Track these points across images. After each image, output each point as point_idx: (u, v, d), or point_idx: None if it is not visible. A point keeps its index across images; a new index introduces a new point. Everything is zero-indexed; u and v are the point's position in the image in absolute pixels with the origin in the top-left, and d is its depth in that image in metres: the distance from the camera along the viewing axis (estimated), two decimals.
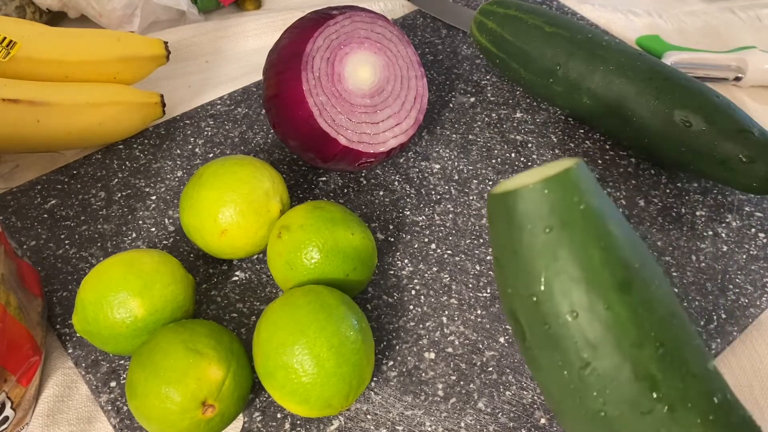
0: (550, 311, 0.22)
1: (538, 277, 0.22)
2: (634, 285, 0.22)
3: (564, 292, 0.22)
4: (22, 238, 0.46)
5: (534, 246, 0.22)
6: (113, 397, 0.38)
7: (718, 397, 0.22)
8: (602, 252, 0.22)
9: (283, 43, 0.45)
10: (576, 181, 0.22)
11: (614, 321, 0.21)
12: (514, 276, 0.23)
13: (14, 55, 0.45)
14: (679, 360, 0.22)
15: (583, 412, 0.23)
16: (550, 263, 0.22)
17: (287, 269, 0.38)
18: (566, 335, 0.22)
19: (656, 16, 0.67)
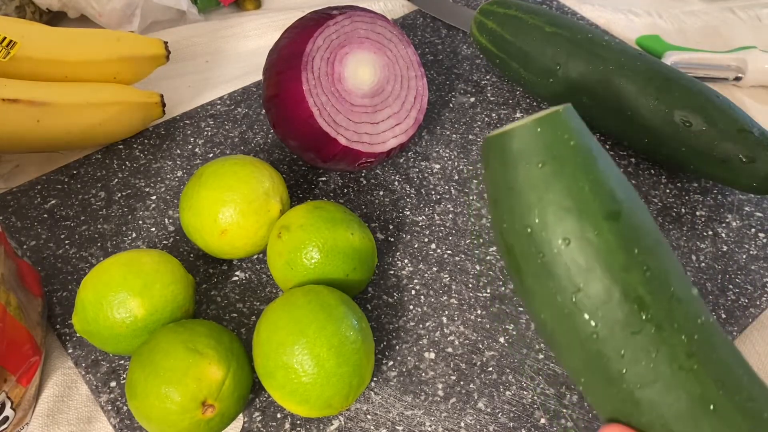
0: (544, 240, 0.24)
1: (533, 210, 0.23)
2: (621, 214, 0.23)
3: (557, 221, 0.23)
4: (22, 238, 0.46)
5: (528, 180, 0.23)
6: (113, 397, 0.38)
7: (702, 319, 0.23)
8: (592, 184, 0.23)
9: (283, 43, 0.45)
10: (566, 121, 0.24)
11: (604, 247, 0.23)
12: (509, 211, 0.24)
13: (14, 55, 0.45)
14: (665, 284, 0.23)
15: (576, 335, 0.24)
16: (543, 195, 0.23)
17: (287, 269, 0.38)
18: (559, 262, 0.23)
19: (656, 16, 0.67)
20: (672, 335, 0.23)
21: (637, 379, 0.23)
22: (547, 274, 0.24)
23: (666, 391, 0.23)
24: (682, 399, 0.23)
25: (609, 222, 0.23)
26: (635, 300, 0.23)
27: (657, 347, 0.23)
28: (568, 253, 0.23)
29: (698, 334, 0.23)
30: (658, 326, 0.23)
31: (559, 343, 0.25)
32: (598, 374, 0.24)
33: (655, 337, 0.23)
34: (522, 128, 0.24)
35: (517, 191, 0.24)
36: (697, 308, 0.24)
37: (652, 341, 0.23)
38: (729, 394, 0.23)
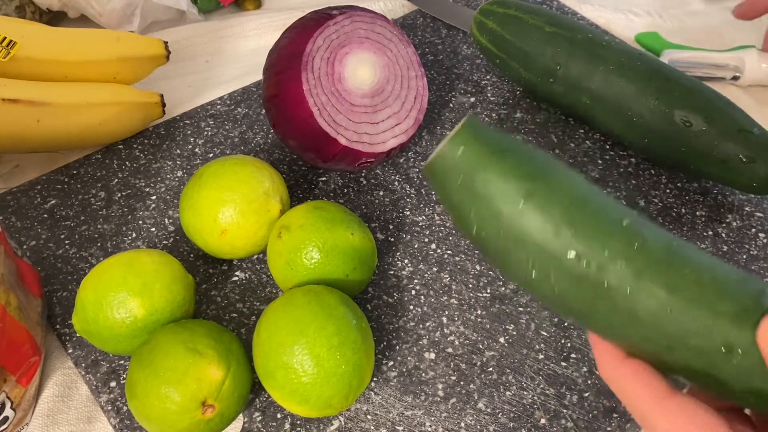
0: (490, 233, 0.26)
1: (470, 218, 0.26)
2: (536, 194, 0.25)
3: (489, 217, 0.26)
4: (22, 238, 0.46)
5: (458, 195, 0.27)
6: (113, 397, 0.38)
7: (635, 243, 0.25)
8: (500, 175, 0.26)
9: (283, 43, 0.45)
10: (469, 136, 0.26)
11: (529, 224, 0.25)
12: (460, 223, 0.28)
13: (14, 55, 0.45)
14: (594, 232, 0.25)
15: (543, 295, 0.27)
16: (472, 201, 0.26)
17: (287, 269, 0.38)
18: (512, 240, 0.26)
19: (656, 16, 0.67)
20: (614, 267, 0.25)
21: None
22: (505, 250, 0.26)
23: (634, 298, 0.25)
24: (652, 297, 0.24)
25: (527, 200, 0.25)
26: (574, 257, 0.25)
27: (605, 280, 0.25)
28: (509, 231, 0.26)
29: (640, 258, 0.25)
30: (599, 266, 0.25)
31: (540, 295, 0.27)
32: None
33: (598, 275, 0.25)
34: (437, 155, 0.26)
35: (455, 206, 0.27)
36: (630, 235, 0.25)
37: (597, 279, 0.25)
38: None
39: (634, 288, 0.24)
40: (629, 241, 0.25)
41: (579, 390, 0.39)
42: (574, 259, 0.25)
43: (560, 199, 0.25)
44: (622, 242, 0.25)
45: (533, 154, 0.26)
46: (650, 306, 0.24)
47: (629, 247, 0.25)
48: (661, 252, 0.25)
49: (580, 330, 0.41)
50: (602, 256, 0.24)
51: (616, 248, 0.25)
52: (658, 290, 0.24)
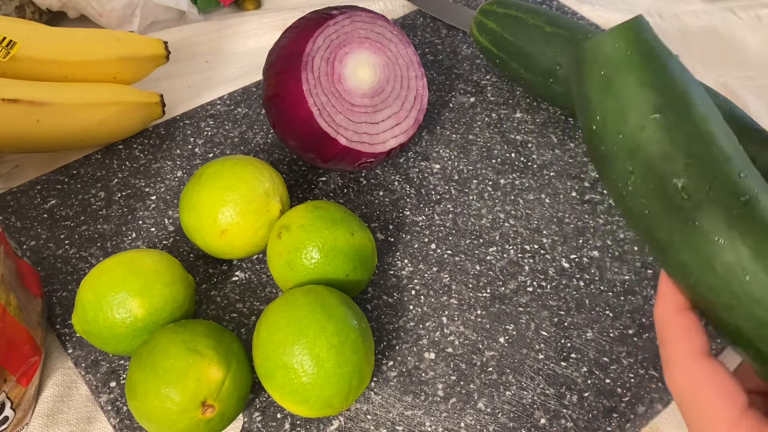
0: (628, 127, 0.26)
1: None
2: (667, 112, 0.25)
3: (613, 117, 0.26)
4: (22, 238, 0.46)
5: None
6: (113, 397, 0.38)
7: (744, 197, 0.24)
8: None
9: (283, 43, 0.45)
10: (643, 29, 0.26)
11: (648, 138, 0.25)
12: (582, 113, 0.27)
13: (14, 55, 0.45)
14: (707, 170, 0.24)
15: (634, 213, 0.26)
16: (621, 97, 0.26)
17: (287, 269, 0.38)
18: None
19: (656, 16, 0.67)
20: (710, 209, 0.24)
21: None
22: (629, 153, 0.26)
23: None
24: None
25: (656, 115, 0.25)
26: (677, 186, 0.24)
27: (698, 220, 0.24)
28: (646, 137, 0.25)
29: (738, 209, 0.24)
30: (697, 204, 0.24)
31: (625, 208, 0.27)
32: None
33: (695, 210, 0.24)
34: (592, 41, 0.26)
35: (586, 93, 0.26)
36: (740, 187, 0.25)
37: (691, 214, 0.24)
38: None
39: (722, 237, 0.24)
40: (738, 192, 0.24)
41: (579, 390, 0.39)
42: (677, 187, 0.24)
43: (687, 126, 0.24)
44: (729, 190, 0.24)
45: (681, 73, 0.25)
46: (730, 260, 0.24)
47: (734, 198, 0.24)
48: (765, 216, 0.24)
49: (579, 330, 0.42)
50: (704, 194, 0.24)
51: (722, 193, 0.24)
52: (744, 248, 0.23)
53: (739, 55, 0.63)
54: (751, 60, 0.63)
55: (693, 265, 0.25)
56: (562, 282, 0.44)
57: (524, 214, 0.48)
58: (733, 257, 0.24)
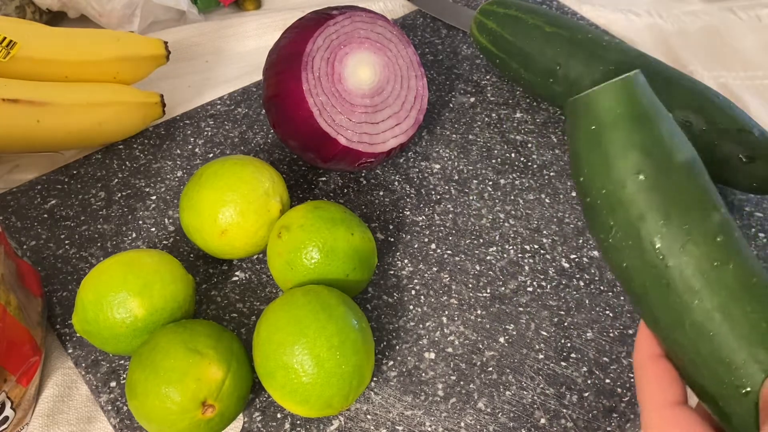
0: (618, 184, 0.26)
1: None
2: (646, 174, 0.25)
3: (597, 173, 0.26)
4: (22, 238, 0.46)
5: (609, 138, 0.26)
6: (113, 397, 0.38)
7: (716, 262, 0.25)
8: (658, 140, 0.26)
9: (283, 43, 0.45)
10: (638, 85, 0.26)
11: (626, 198, 0.25)
12: (572, 164, 0.28)
13: (14, 55, 0.45)
14: (681, 234, 0.25)
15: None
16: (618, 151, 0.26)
17: (287, 269, 0.38)
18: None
19: (656, 16, 0.67)
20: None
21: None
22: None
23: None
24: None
25: (635, 176, 0.25)
26: (652, 247, 0.25)
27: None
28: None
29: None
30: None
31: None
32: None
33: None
34: (586, 95, 0.26)
35: (576, 148, 0.27)
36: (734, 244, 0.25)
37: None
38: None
39: (692, 298, 0.25)
40: (711, 257, 0.25)
41: (579, 390, 0.39)
42: (653, 246, 0.25)
43: (667, 188, 0.25)
44: (703, 254, 0.25)
45: (671, 135, 0.26)
46: (698, 320, 0.24)
47: (707, 262, 0.25)
48: (737, 277, 0.25)
49: (579, 330, 0.42)
50: (677, 257, 0.25)
51: (694, 256, 0.25)
52: (713, 311, 0.24)
53: (739, 55, 0.63)
54: (751, 60, 0.63)
55: (664, 320, 0.26)
56: (562, 282, 0.44)
57: (524, 214, 0.48)
58: (702, 317, 0.24)
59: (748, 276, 0.25)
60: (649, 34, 0.65)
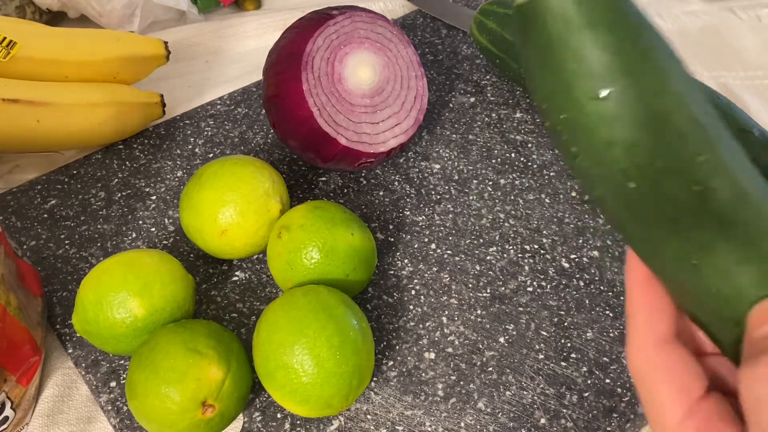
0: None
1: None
2: (611, 96, 0.21)
3: (556, 95, 0.22)
4: (22, 238, 0.46)
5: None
6: (113, 397, 0.38)
7: (697, 186, 0.22)
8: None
9: (283, 43, 0.45)
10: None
11: (590, 124, 0.22)
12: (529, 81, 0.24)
13: (14, 55, 0.45)
14: (655, 165, 0.22)
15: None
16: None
17: (287, 269, 0.38)
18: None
19: (656, 16, 0.67)
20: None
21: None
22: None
23: None
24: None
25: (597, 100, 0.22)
26: (621, 175, 0.22)
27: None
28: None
29: (687, 200, 0.22)
30: (638, 199, 0.22)
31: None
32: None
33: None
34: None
35: (529, 59, 0.23)
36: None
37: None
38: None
39: (669, 231, 0.22)
40: (691, 180, 0.22)
41: (579, 390, 0.39)
42: (623, 178, 0.22)
43: (637, 105, 0.21)
44: (682, 180, 0.22)
45: (640, 31, 0.22)
46: (677, 254, 0.22)
47: (685, 189, 0.22)
48: (716, 209, 0.22)
49: (579, 330, 0.42)
50: (651, 185, 0.22)
51: (672, 184, 0.22)
52: (689, 244, 0.22)
53: (739, 55, 0.63)
54: (751, 60, 0.63)
55: (643, 253, 0.24)
56: (562, 282, 0.44)
57: (524, 214, 0.48)
58: (681, 251, 0.22)
59: (734, 199, 0.22)
60: None
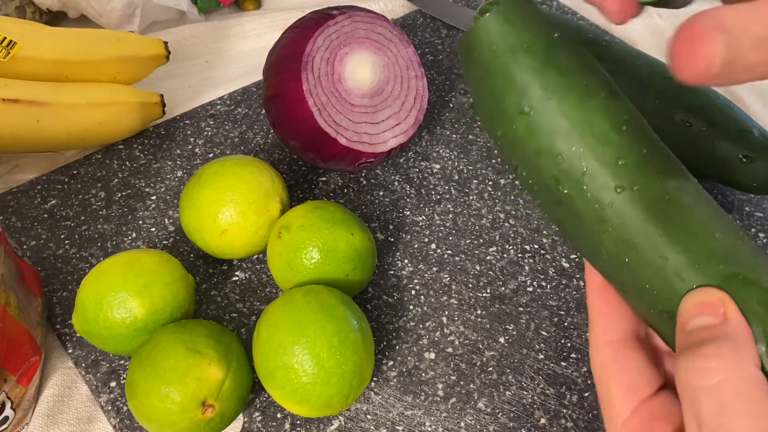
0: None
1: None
2: (531, 114, 0.23)
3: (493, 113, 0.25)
4: (22, 238, 0.46)
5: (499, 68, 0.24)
6: (113, 397, 0.38)
7: (620, 189, 0.23)
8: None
9: (283, 43, 0.45)
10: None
11: (522, 137, 0.24)
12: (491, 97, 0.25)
13: (14, 55, 0.45)
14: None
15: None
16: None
17: (287, 269, 0.38)
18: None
19: (656, 15, 0.67)
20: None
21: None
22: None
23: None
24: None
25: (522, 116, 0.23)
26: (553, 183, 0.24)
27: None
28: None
29: (612, 202, 0.23)
30: (569, 202, 0.24)
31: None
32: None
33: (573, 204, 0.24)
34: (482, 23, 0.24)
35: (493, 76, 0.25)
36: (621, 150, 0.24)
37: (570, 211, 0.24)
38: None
39: (600, 229, 0.23)
40: (614, 184, 0.23)
41: (579, 390, 0.39)
42: (554, 183, 0.23)
43: (555, 119, 0.23)
44: (603, 185, 0.23)
45: (555, 56, 0.24)
46: (612, 250, 0.23)
47: (609, 191, 0.23)
48: (643, 201, 0.23)
49: (579, 330, 0.42)
50: (579, 189, 0.23)
51: (596, 186, 0.23)
52: (614, 238, 0.23)
53: None
54: None
55: (585, 252, 0.25)
56: (562, 282, 0.44)
57: (524, 214, 0.48)
58: (614, 250, 0.23)
59: (657, 197, 0.23)
60: (649, 34, 0.65)
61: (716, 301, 0.22)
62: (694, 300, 0.22)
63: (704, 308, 0.22)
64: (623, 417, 0.24)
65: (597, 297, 0.26)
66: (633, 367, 0.24)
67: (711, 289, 0.22)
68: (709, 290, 0.22)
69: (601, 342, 0.25)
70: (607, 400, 0.24)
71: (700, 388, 0.20)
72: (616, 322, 0.25)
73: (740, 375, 0.20)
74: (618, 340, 0.25)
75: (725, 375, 0.20)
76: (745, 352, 0.21)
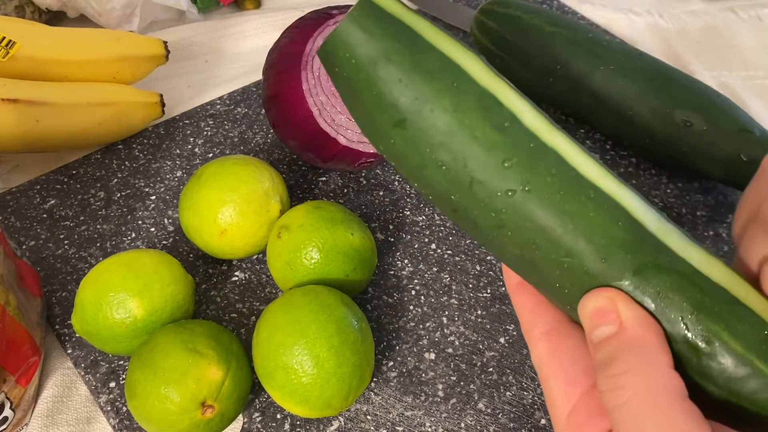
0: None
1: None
2: (407, 121, 0.22)
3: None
4: (22, 238, 0.46)
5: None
6: (113, 397, 0.38)
7: (511, 192, 0.22)
8: (376, 98, 0.22)
9: (283, 42, 0.45)
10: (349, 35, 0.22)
11: (397, 152, 0.23)
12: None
13: (14, 55, 0.45)
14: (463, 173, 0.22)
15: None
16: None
17: (287, 269, 0.38)
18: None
19: (657, 15, 0.67)
20: (480, 214, 0.23)
21: None
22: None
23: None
24: None
25: (397, 129, 0.22)
26: (441, 194, 0.23)
27: (470, 227, 0.23)
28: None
29: (505, 207, 0.22)
30: (464, 212, 0.23)
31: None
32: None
33: (466, 220, 0.23)
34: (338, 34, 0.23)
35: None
36: (498, 184, 0.22)
37: (466, 224, 0.23)
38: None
39: (498, 234, 0.22)
40: (503, 186, 0.22)
41: None
42: (445, 193, 0.22)
43: (433, 135, 0.22)
44: (492, 192, 0.22)
45: (411, 66, 0.22)
46: (515, 252, 0.23)
47: (502, 196, 0.22)
48: (536, 204, 0.22)
49: None
50: (469, 199, 0.22)
51: (486, 191, 0.22)
52: (523, 242, 0.22)
53: (740, 55, 0.63)
54: (751, 60, 0.63)
55: (500, 258, 0.24)
56: None
57: None
58: (517, 252, 0.23)
59: (550, 192, 0.22)
60: (649, 34, 0.65)
61: (607, 306, 0.21)
62: (587, 309, 0.22)
63: (599, 317, 0.21)
64: (566, 412, 0.23)
65: (518, 293, 0.25)
66: (567, 357, 0.24)
67: (600, 292, 0.21)
68: (598, 293, 0.22)
69: (534, 337, 0.25)
70: (549, 396, 0.24)
71: (615, 408, 0.20)
72: (542, 312, 0.25)
73: (649, 387, 0.20)
74: (550, 330, 0.24)
75: (633, 390, 0.20)
76: (652, 357, 0.20)
